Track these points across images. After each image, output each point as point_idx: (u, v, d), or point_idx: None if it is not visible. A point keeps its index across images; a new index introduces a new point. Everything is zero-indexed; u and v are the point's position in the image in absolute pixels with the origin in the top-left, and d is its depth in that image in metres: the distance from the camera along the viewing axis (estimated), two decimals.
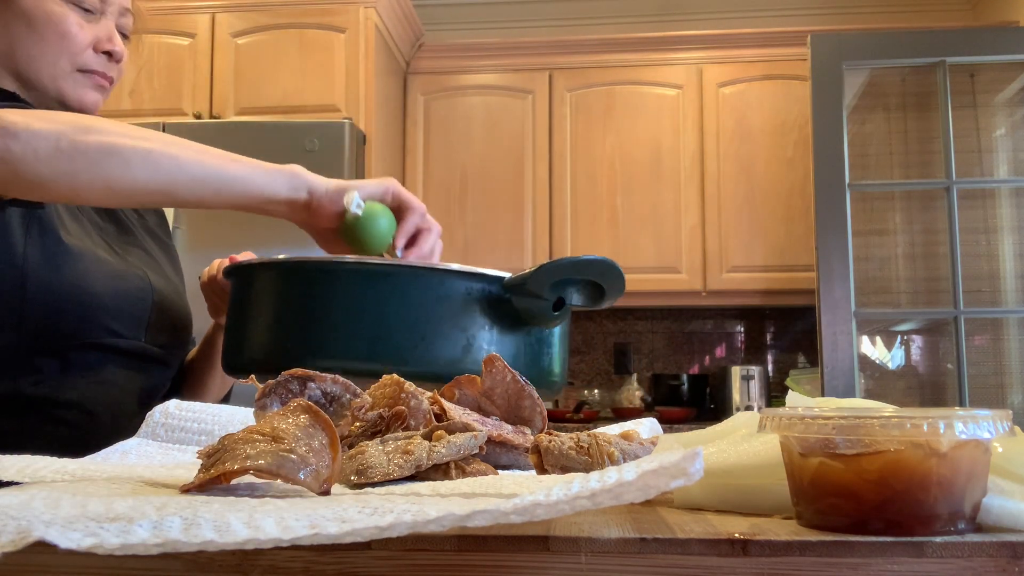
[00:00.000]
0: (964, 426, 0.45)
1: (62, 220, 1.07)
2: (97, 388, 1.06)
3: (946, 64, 3.06)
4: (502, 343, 0.86)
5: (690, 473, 0.41)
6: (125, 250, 1.16)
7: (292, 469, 0.56)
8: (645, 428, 0.97)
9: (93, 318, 1.05)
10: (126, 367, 1.10)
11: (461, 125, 3.71)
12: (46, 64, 1.09)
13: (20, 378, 1.02)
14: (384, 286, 0.85)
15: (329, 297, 0.86)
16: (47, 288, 1.01)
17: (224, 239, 2.94)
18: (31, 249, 1.01)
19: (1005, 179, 3.31)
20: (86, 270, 1.05)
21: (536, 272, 0.82)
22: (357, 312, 0.84)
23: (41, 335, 1.02)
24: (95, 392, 1.06)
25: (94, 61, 1.12)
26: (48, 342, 1.03)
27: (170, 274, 1.24)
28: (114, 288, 1.07)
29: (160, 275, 1.19)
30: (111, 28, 1.12)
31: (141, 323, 1.11)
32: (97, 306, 1.05)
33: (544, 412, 0.80)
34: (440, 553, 0.44)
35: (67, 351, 1.04)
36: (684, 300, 3.64)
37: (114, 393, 1.08)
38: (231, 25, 3.32)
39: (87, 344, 1.05)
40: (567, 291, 0.84)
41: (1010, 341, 3.27)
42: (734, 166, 3.59)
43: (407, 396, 0.73)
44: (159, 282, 1.17)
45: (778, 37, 3.61)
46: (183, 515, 0.44)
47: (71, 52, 1.09)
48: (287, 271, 0.91)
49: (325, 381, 0.72)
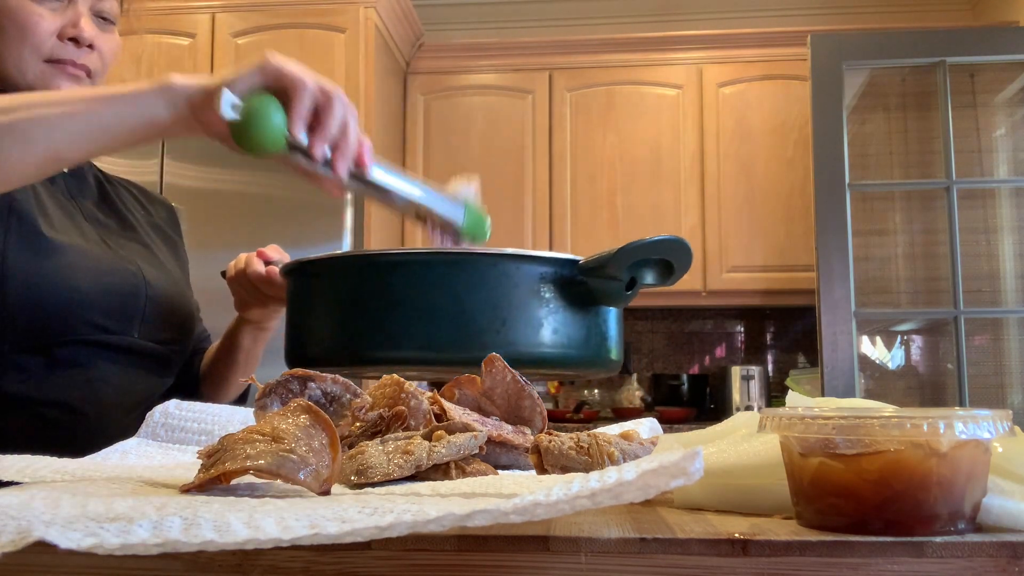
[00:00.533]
0: (964, 426, 0.45)
1: (46, 214, 1.04)
2: (85, 386, 1.04)
3: (946, 64, 3.06)
4: (573, 324, 0.89)
5: (690, 473, 0.41)
6: (121, 245, 1.15)
7: (292, 469, 0.56)
8: (645, 428, 0.97)
9: (78, 314, 1.03)
10: (117, 363, 1.08)
11: (461, 125, 3.71)
12: (11, 58, 1.05)
13: (4, 376, 1.00)
14: (463, 274, 0.87)
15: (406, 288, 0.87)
16: (29, 285, 0.99)
17: (225, 239, 2.94)
18: (11, 246, 0.99)
19: (1005, 179, 3.31)
20: (70, 265, 1.03)
21: (616, 254, 0.85)
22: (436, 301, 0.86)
23: (25, 333, 1.00)
24: (82, 390, 1.04)
25: (60, 50, 1.07)
26: (32, 340, 1.01)
27: (171, 269, 1.22)
28: (101, 283, 1.06)
29: (158, 269, 1.17)
30: (78, 13, 1.08)
31: (133, 318, 1.09)
32: (82, 302, 1.03)
33: (544, 412, 0.80)
34: (440, 553, 0.44)
35: (52, 348, 1.02)
36: (684, 300, 3.64)
37: (104, 391, 1.06)
38: (231, 25, 3.32)
39: (73, 341, 1.03)
40: (639, 271, 0.87)
41: (1010, 341, 3.27)
42: (734, 166, 3.59)
43: (407, 396, 0.73)
44: (155, 276, 1.14)
45: (778, 37, 3.61)
46: (183, 515, 0.44)
47: (33, 43, 1.05)
48: (359, 265, 0.92)
49: (325, 381, 0.72)
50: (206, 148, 3.08)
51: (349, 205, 3.05)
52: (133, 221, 1.21)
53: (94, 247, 1.09)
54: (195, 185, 3.04)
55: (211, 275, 1.34)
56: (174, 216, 1.35)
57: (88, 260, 1.06)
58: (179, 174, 3.06)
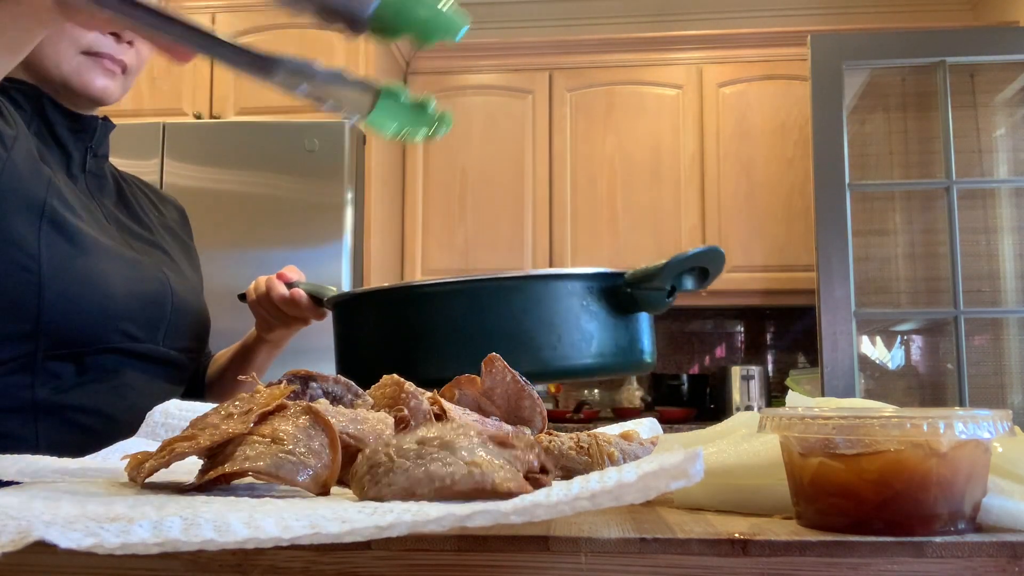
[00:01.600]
0: (964, 426, 0.45)
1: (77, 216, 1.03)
2: (114, 392, 1.04)
3: (946, 64, 3.06)
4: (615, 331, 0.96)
5: (690, 474, 0.41)
6: (145, 251, 1.14)
7: (291, 471, 0.56)
8: (645, 428, 0.97)
9: (111, 323, 1.02)
10: (143, 371, 1.08)
11: (461, 125, 3.71)
12: (48, 48, 1.04)
13: (37, 385, 1.00)
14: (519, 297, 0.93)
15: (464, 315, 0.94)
16: (64, 295, 0.98)
17: (224, 239, 2.94)
18: (46, 254, 0.98)
19: (1005, 179, 3.31)
20: (104, 272, 1.02)
21: (664, 268, 0.92)
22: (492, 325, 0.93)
23: (58, 342, 1.00)
24: (112, 397, 1.04)
25: (101, 42, 1.06)
26: (65, 348, 1.00)
27: (189, 274, 1.22)
28: (133, 292, 1.05)
29: (179, 276, 1.17)
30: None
31: (159, 327, 1.09)
32: (116, 311, 1.03)
33: (544, 412, 0.80)
34: (440, 553, 0.44)
35: (84, 356, 1.02)
36: (684, 300, 3.63)
37: (131, 396, 1.05)
38: (231, 25, 3.32)
39: (104, 349, 1.03)
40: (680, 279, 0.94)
41: (1010, 341, 3.27)
42: (734, 166, 3.59)
43: (407, 396, 0.73)
44: (178, 284, 1.14)
45: (778, 37, 3.61)
46: (183, 515, 0.44)
47: (73, 34, 1.04)
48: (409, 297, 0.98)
49: (327, 381, 0.72)
50: (206, 148, 3.08)
51: (349, 205, 3.05)
52: (148, 223, 1.21)
53: (123, 252, 1.08)
54: (195, 185, 3.04)
55: (211, 275, 1.34)
56: (185, 218, 1.35)
57: (120, 267, 1.05)
58: (179, 174, 3.06)
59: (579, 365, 0.92)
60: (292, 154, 3.05)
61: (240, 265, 2.88)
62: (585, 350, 0.92)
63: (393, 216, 3.55)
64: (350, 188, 3.06)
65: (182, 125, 3.14)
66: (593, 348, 0.93)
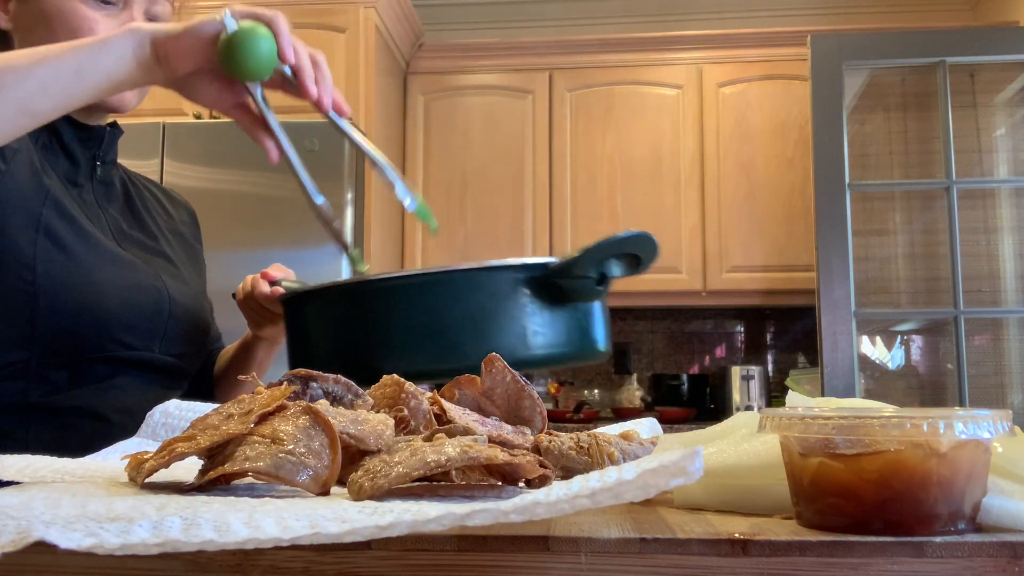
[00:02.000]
0: (964, 426, 0.45)
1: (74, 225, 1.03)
2: (107, 395, 1.05)
3: (946, 64, 3.06)
4: (554, 322, 0.93)
5: (690, 472, 0.41)
6: (146, 259, 1.14)
7: (290, 471, 0.56)
8: (645, 428, 0.97)
9: (106, 333, 1.03)
10: (137, 377, 1.08)
11: (461, 125, 3.71)
12: None
13: (29, 389, 1.01)
14: (441, 292, 0.92)
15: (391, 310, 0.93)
16: (59, 307, 0.99)
17: (225, 239, 2.94)
18: (41, 267, 0.98)
19: (1005, 179, 3.31)
20: (99, 283, 1.03)
21: (581, 256, 0.89)
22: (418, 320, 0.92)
23: (53, 351, 1.01)
24: (106, 399, 1.05)
25: None
26: (60, 357, 1.01)
27: (191, 282, 1.22)
28: (129, 301, 1.05)
29: (181, 283, 1.17)
30: (132, 18, 1.07)
31: (155, 335, 1.10)
32: (110, 321, 1.03)
33: (544, 412, 0.80)
34: (440, 553, 0.44)
35: (78, 365, 1.03)
36: (684, 300, 3.64)
37: (124, 400, 1.06)
38: None
39: (99, 357, 1.04)
40: (607, 266, 0.91)
41: (1010, 341, 3.27)
42: (734, 166, 3.59)
43: (407, 396, 0.73)
44: (178, 292, 1.15)
45: (778, 37, 3.61)
46: (183, 515, 0.44)
47: None
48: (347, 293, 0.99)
49: (327, 381, 0.72)
50: (206, 148, 3.08)
51: (349, 205, 3.05)
52: (155, 229, 1.21)
53: (121, 261, 1.08)
54: (195, 185, 3.04)
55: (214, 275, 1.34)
56: (195, 220, 1.35)
57: (117, 277, 1.05)
58: (179, 174, 3.06)
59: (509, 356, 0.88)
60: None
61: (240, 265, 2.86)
62: (515, 341, 0.91)
63: (393, 216, 3.55)
64: (350, 188, 3.06)
65: (182, 125, 3.14)
66: (527, 339, 0.91)
